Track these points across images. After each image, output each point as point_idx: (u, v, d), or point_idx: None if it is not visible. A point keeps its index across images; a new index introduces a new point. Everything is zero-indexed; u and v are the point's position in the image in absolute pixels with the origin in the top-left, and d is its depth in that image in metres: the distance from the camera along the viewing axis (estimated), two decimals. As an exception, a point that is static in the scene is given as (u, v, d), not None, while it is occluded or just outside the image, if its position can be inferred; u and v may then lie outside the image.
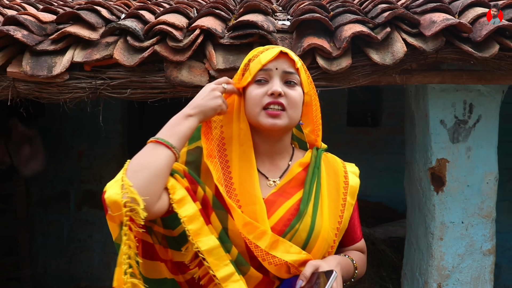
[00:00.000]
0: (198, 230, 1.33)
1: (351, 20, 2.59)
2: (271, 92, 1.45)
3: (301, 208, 1.44)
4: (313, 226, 1.44)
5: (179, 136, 1.38)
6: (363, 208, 5.22)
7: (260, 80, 1.48)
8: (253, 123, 1.50)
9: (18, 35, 2.43)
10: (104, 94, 2.53)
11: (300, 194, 1.49)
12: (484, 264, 3.01)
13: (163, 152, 1.35)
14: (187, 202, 1.35)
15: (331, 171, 1.59)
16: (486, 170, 2.96)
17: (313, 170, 1.54)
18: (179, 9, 2.74)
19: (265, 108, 1.46)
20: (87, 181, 5.18)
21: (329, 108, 5.37)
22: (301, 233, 1.42)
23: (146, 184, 1.28)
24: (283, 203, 1.47)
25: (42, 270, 5.17)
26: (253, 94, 1.47)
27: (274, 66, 1.48)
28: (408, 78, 2.65)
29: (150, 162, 1.32)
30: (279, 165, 1.57)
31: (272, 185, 1.51)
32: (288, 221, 1.43)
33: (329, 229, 1.48)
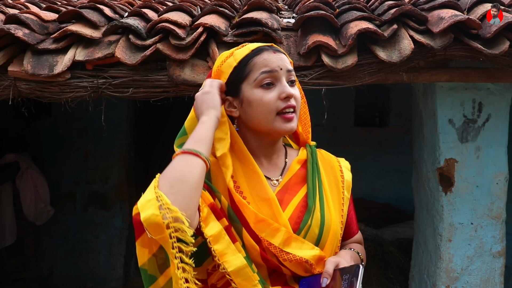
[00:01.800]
0: (224, 250, 1.30)
1: (357, 17, 2.54)
2: (286, 95, 1.40)
3: (309, 204, 1.43)
4: (323, 220, 1.43)
5: (203, 142, 1.31)
6: (371, 209, 5.21)
7: (266, 84, 1.41)
8: (264, 129, 1.44)
9: (19, 34, 2.40)
10: (106, 93, 2.50)
11: (304, 190, 1.47)
12: (493, 266, 2.95)
13: (195, 163, 1.26)
14: (211, 221, 1.31)
15: (328, 167, 1.58)
16: (495, 170, 2.89)
17: (312, 166, 1.52)
18: (182, 7, 2.70)
19: (279, 113, 1.41)
20: (93, 182, 5.17)
21: (336, 108, 5.34)
22: (314, 228, 1.41)
23: (186, 200, 1.20)
24: (290, 200, 1.45)
25: (48, 271, 5.17)
26: (265, 100, 1.40)
27: (278, 67, 1.42)
28: (415, 76, 2.60)
29: (186, 175, 1.23)
30: (277, 164, 1.54)
31: (276, 184, 1.49)
32: (299, 218, 1.41)
33: (336, 222, 1.47)
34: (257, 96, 1.41)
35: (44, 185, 4.71)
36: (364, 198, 5.39)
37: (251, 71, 1.42)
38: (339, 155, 5.22)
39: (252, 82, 1.41)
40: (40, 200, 4.67)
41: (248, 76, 1.42)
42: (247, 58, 1.44)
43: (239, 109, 1.45)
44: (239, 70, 1.44)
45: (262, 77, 1.40)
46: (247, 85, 1.42)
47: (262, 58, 1.42)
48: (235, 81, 1.44)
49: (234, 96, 1.45)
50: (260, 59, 1.42)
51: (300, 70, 2.48)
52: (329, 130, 5.34)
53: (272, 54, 1.44)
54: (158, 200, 1.17)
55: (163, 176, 1.24)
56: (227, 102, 1.47)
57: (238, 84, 1.44)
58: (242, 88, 1.43)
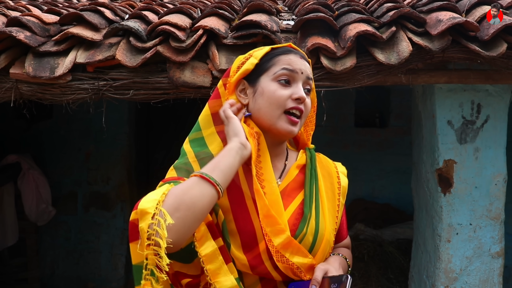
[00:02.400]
0: (216, 270, 1.31)
1: (356, 19, 2.56)
2: (298, 97, 1.42)
3: (305, 212, 1.43)
4: (317, 229, 1.43)
5: (223, 171, 1.30)
6: (371, 209, 5.23)
7: (284, 80, 1.44)
8: (267, 124, 1.45)
9: (20, 37, 2.42)
10: (107, 95, 2.52)
11: (301, 197, 1.48)
12: (492, 267, 2.96)
13: (208, 192, 1.26)
14: (207, 240, 1.32)
15: (325, 172, 1.59)
16: (494, 171, 2.91)
17: (310, 172, 1.53)
18: (182, 10, 2.72)
19: (286, 111, 1.43)
20: (94, 183, 5.19)
21: (337, 109, 5.36)
22: (308, 236, 1.41)
23: (186, 228, 1.21)
24: (287, 206, 1.45)
25: (50, 271, 5.19)
26: (277, 94, 1.42)
27: (300, 70, 1.45)
28: (414, 78, 2.61)
29: (195, 204, 1.23)
30: (277, 166, 1.54)
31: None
32: (294, 225, 1.42)
33: (330, 231, 1.48)
34: (271, 88, 1.43)
35: (46, 186, 4.74)
36: (364, 198, 5.41)
37: (274, 65, 1.45)
38: (339, 155, 5.25)
39: (272, 75, 1.44)
40: (42, 201, 4.70)
41: (270, 69, 1.45)
42: (273, 54, 1.48)
43: (250, 98, 1.48)
44: (262, 62, 1.47)
45: (282, 72, 1.44)
46: (266, 76, 1.45)
47: (288, 57, 1.46)
48: (257, 71, 1.47)
49: (250, 84, 1.48)
50: (285, 58, 1.46)
51: (299, 72, 2.50)
52: (330, 130, 5.36)
53: (298, 58, 1.47)
54: (154, 217, 1.18)
55: (173, 194, 1.24)
56: (240, 86, 1.50)
57: (259, 75, 1.47)
58: (261, 79, 1.46)
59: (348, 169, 2.51)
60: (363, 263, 4.44)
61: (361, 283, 4.22)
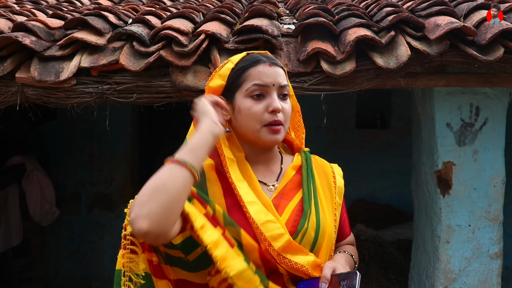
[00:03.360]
0: (224, 254, 1.33)
1: (356, 24, 2.60)
2: (272, 109, 1.45)
3: (305, 208, 1.47)
4: (318, 224, 1.47)
5: (194, 151, 1.34)
6: (372, 210, 5.26)
7: (256, 95, 1.46)
8: (251, 138, 1.49)
9: (26, 41, 2.47)
10: (111, 99, 2.56)
11: (300, 195, 1.52)
12: (491, 268, 3.00)
13: (179, 173, 1.29)
14: (208, 228, 1.34)
15: (321, 172, 1.63)
16: (493, 173, 2.94)
17: (307, 172, 1.57)
18: (184, 14, 2.77)
19: (266, 125, 1.46)
20: (97, 183, 5.24)
21: (338, 110, 5.39)
22: (310, 231, 1.44)
23: (163, 210, 1.24)
24: (286, 205, 1.48)
25: (53, 271, 5.24)
26: (253, 111, 1.45)
27: (271, 83, 1.47)
28: (413, 82, 2.65)
29: (166, 185, 1.26)
30: (272, 170, 1.58)
31: (272, 189, 1.53)
32: (295, 222, 1.45)
33: (331, 226, 1.52)
34: (246, 105, 1.46)
35: (50, 187, 4.79)
36: (365, 199, 5.44)
37: (245, 81, 1.47)
38: (340, 156, 5.29)
39: (244, 92, 1.47)
40: (46, 202, 4.75)
41: (242, 85, 1.47)
42: (244, 67, 1.49)
43: (231, 114, 1.50)
44: (235, 77, 1.49)
45: (253, 88, 1.46)
46: (240, 93, 1.48)
47: (257, 70, 1.47)
48: (231, 87, 1.50)
49: (229, 101, 1.50)
50: (255, 71, 1.47)
51: (300, 76, 2.54)
52: (331, 132, 5.39)
53: (268, 67, 1.48)
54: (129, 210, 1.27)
55: (146, 184, 1.28)
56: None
57: (233, 91, 1.49)
58: (236, 95, 1.48)
59: (349, 170, 2.53)
60: (364, 263, 4.47)
61: (362, 283, 4.23)
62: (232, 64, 1.51)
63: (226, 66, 1.52)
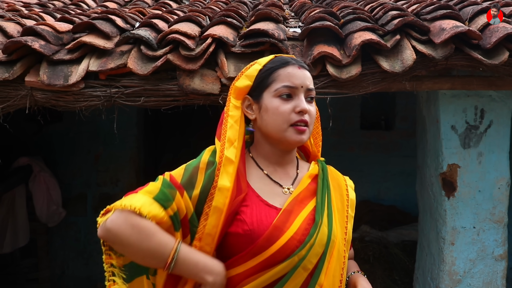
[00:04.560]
0: None
1: (361, 27, 2.62)
2: (300, 110, 1.48)
3: (317, 218, 1.48)
4: (330, 235, 1.48)
5: (185, 265, 1.39)
6: (377, 211, 5.28)
7: (285, 95, 1.49)
8: (276, 137, 1.51)
9: (35, 46, 2.50)
10: (119, 102, 2.59)
11: (313, 204, 1.52)
12: (496, 269, 3.01)
13: (161, 256, 1.38)
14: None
15: (335, 184, 1.63)
16: (497, 175, 2.96)
17: (322, 182, 1.58)
18: (191, 18, 2.79)
19: (292, 124, 1.49)
20: (103, 184, 5.27)
21: (342, 112, 5.40)
22: (319, 242, 1.45)
23: (124, 249, 1.43)
24: (299, 212, 1.49)
25: (60, 271, 5.27)
26: (281, 110, 1.48)
27: (300, 85, 1.50)
28: (418, 85, 2.66)
29: (138, 252, 1.38)
30: (289, 174, 1.60)
31: (287, 192, 1.55)
32: (306, 230, 1.46)
33: (340, 239, 1.52)
34: (274, 104, 1.49)
35: (56, 188, 4.82)
36: (370, 200, 5.45)
37: (274, 81, 1.50)
38: (345, 158, 5.30)
39: (273, 91, 1.50)
40: (52, 202, 4.78)
41: (271, 85, 1.50)
42: (273, 68, 1.52)
43: (256, 113, 1.54)
44: (263, 77, 1.52)
45: (282, 89, 1.49)
46: (268, 93, 1.51)
47: (287, 71, 1.50)
48: (258, 87, 1.53)
49: (255, 100, 1.54)
50: (285, 72, 1.50)
51: (306, 80, 2.56)
52: (336, 133, 5.41)
53: (297, 69, 1.52)
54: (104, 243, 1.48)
55: (129, 228, 1.37)
56: (246, 102, 1.56)
57: (261, 91, 1.52)
58: (264, 95, 1.52)
59: (354, 171, 2.52)
60: (369, 264, 4.48)
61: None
62: (259, 66, 1.54)
63: (254, 67, 1.55)
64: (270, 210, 1.48)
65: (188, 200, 1.44)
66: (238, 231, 1.44)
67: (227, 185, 1.43)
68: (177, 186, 1.44)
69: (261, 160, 1.58)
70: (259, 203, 1.49)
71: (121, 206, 1.36)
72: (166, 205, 1.39)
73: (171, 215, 1.40)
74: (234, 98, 1.56)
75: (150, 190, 1.41)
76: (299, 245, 1.43)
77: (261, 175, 1.55)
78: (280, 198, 1.52)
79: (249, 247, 1.42)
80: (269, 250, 1.41)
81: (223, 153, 1.48)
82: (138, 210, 1.35)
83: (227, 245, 1.46)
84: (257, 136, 1.59)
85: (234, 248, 1.45)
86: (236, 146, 1.49)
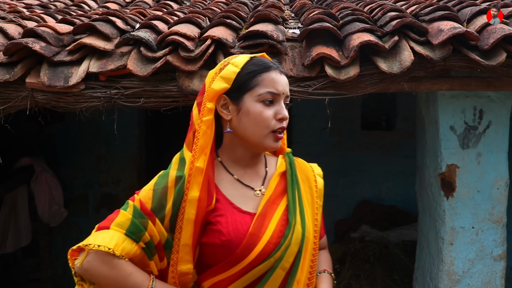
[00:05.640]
0: None
1: (360, 29, 2.63)
2: (282, 117, 1.51)
3: (290, 219, 1.51)
4: (304, 232, 1.52)
5: None
6: (377, 211, 5.29)
7: (268, 101, 1.51)
8: (253, 141, 1.52)
9: (36, 47, 2.52)
10: (119, 103, 2.60)
11: (284, 204, 1.55)
12: (494, 269, 3.02)
13: None
14: None
15: (304, 177, 1.66)
16: (496, 175, 2.97)
17: (291, 178, 1.60)
18: (191, 19, 2.81)
19: (273, 131, 1.51)
20: (105, 184, 5.31)
21: (343, 112, 5.41)
22: (295, 241, 1.49)
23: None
24: (272, 215, 1.52)
25: (62, 271, 5.29)
26: (264, 116, 1.49)
27: (282, 91, 1.53)
28: (417, 86, 2.67)
29: None
30: (259, 173, 1.62)
31: (259, 194, 1.57)
32: (281, 232, 1.49)
33: (313, 232, 1.57)
34: (257, 109, 1.49)
35: (58, 188, 4.85)
36: (370, 200, 5.46)
37: (258, 85, 1.50)
38: (346, 158, 5.28)
39: (256, 96, 1.50)
40: (54, 202, 4.81)
41: (254, 89, 1.50)
42: (257, 71, 1.51)
43: (233, 115, 1.52)
44: (245, 80, 1.51)
45: (266, 95, 1.50)
46: (250, 96, 1.50)
47: (271, 76, 1.52)
48: (239, 89, 1.51)
49: (234, 101, 1.52)
50: (268, 77, 1.51)
51: (305, 81, 2.58)
52: (336, 133, 5.42)
53: (279, 75, 1.54)
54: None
55: (105, 275, 1.43)
56: (221, 101, 1.53)
57: (242, 93, 1.51)
58: (245, 98, 1.51)
59: (355, 171, 2.49)
60: (369, 264, 4.50)
61: (367, 284, 4.28)
62: (236, 68, 1.52)
63: (229, 69, 1.52)
64: (245, 217, 1.50)
65: (161, 226, 1.46)
66: (216, 242, 1.46)
67: (196, 196, 1.45)
68: (148, 214, 1.45)
69: (231, 163, 1.59)
70: (233, 210, 1.50)
71: (95, 247, 1.38)
72: (138, 239, 1.42)
73: (143, 247, 1.44)
74: (209, 102, 1.51)
75: (121, 224, 1.43)
76: (275, 248, 1.47)
77: (232, 180, 1.56)
78: (253, 202, 1.55)
79: (228, 256, 1.45)
80: (248, 258, 1.44)
81: (193, 164, 1.47)
82: (112, 251, 1.38)
83: (206, 255, 1.50)
84: (229, 138, 1.58)
85: (213, 257, 1.48)
86: (206, 153, 1.49)
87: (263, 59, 1.57)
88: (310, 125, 5.39)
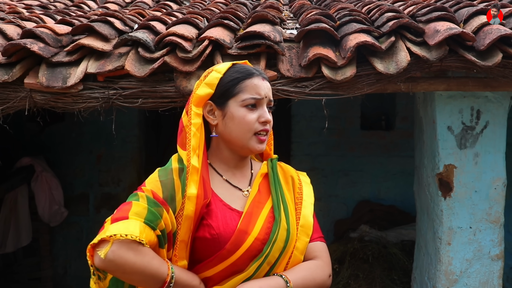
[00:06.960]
0: None
1: (356, 29, 2.64)
2: (264, 120, 1.60)
3: (276, 216, 1.59)
4: (288, 228, 1.59)
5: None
6: (377, 211, 5.30)
7: (251, 105, 1.59)
8: (239, 144, 1.61)
9: (34, 48, 2.53)
10: (117, 104, 2.62)
11: (270, 203, 1.63)
12: (492, 269, 3.03)
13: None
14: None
15: (283, 178, 1.74)
16: (494, 175, 2.97)
17: (274, 179, 1.68)
18: (189, 20, 2.82)
19: (256, 133, 1.59)
20: (105, 184, 5.33)
21: (342, 112, 5.42)
22: (281, 237, 1.56)
23: (124, 276, 1.45)
24: (259, 213, 1.59)
25: (62, 270, 5.32)
26: (247, 120, 1.58)
27: (264, 95, 1.61)
28: (413, 86, 2.68)
29: (135, 279, 1.45)
30: (245, 175, 1.71)
31: (246, 194, 1.65)
32: (268, 229, 1.57)
33: (295, 228, 1.64)
34: (241, 114, 1.59)
35: (58, 188, 4.87)
36: (370, 200, 5.47)
37: (241, 91, 1.59)
38: (345, 158, 5.29)
39: (240, 101, 1.59)
40: (54, 202, 4.83)
41: (238, 95, 1.59)
42: (240, 78, 1.60)
43: (219, 120, 1.62)
44: (229, 86, 1.60)
45: (249, 100, 1.59)
46: (235, 102, 1.59)
47: (253, 83, 1.60)
48: (224, 95, 1.60)
49: (219, 107, 1.61)
50: (251, 83, 1.60)
51: (302, 81, 2.59)
52: (336, 133, 5.43)
53: (261, 81, 1.62)
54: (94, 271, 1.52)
55: (129, 260, 1.41)
56: (208, 107, 1.62)
57: (226, 99, 1.60)
58: (229, 103, 1.60)
59: (354, 171, 2.47)
60: (368, 264, 4.51)
61: (366, 284, 4.29)
62: (219, 74, 1.62)
63: (213, 75, 1.62)
64: (233, 214, 1.58)
65: (173, 216, 1.51)
66: (206, 236, 1.52)
67: (194, 193, 1.51)
68: (162, 202, 1.50)
69: (220, 165, 1.67)
70: (223, 207, 1.58)
71: (122, 236, 1.38)
72: (155, 226, 1.45)
73: (159, 234, 1.47)
74: (195, 106, 1.60)
75: (138, 213, 1.45)
76: (263, 245, 1.54)
77: (221, 180, 1.65)
78: (241, 201, 1.63)
79: (217, 250, 1.51)
80: (237, 253, 1.51)
81: (189, 162, 1.54)
82: (139, 238, 1.39)
83: (196, 249, 1.55)
84: (216, 141, 1.67)
85: (202, 251, 1.54)
86: (198, 154, 1.57)
87: (245, 66, 1.67)
88: (309, 125, 5.41)
